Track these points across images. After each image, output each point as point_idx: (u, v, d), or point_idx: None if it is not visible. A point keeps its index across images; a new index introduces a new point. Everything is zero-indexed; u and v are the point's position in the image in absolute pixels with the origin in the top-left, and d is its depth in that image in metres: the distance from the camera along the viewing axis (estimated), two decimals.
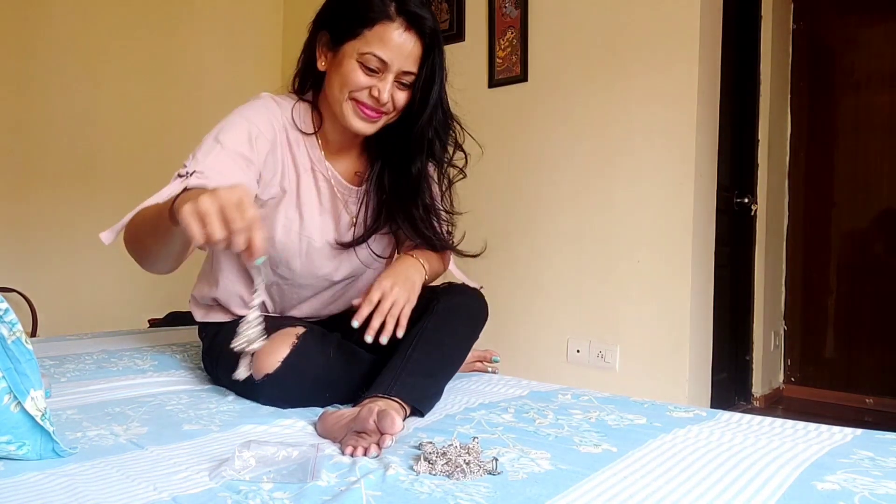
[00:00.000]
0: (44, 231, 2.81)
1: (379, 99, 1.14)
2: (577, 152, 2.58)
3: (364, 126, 1.18)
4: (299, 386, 1.16)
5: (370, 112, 1.17)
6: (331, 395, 1.20)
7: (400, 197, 1.27)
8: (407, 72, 1.15)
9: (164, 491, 0.75)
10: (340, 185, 1.29)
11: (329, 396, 1.20)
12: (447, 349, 1.19)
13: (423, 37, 1.14)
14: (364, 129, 1.19)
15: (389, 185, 1.28)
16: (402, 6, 1.11)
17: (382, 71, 1.13)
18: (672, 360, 2.36)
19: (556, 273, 2.62)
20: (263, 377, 1.15)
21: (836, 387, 3.33)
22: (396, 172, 1.27)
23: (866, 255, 3.32)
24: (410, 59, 1.14)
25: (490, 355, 1.54)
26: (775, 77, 3.25)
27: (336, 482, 0.79)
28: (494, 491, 0.77)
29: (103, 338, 1.84)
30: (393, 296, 1.11)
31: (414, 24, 1.12)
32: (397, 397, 1.07)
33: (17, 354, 0.82)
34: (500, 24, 2.79)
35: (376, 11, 1.11)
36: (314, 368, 1.17)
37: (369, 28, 1.11)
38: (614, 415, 1.14)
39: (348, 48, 1.13)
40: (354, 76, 1.13)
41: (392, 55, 1.12)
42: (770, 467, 0.85)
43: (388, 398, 1.06)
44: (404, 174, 1.26)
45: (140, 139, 3.08)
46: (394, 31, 1.11)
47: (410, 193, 1.26)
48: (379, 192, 1.30)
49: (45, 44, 2.79)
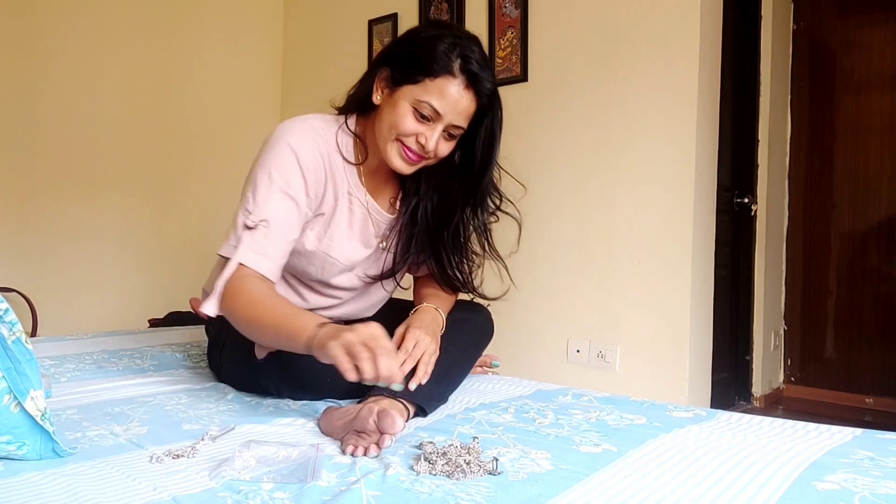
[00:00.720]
0: (44, 231, 2.80)
1: (425, 147, 1.17)
2: (577, 152, 2.58)
3: (404, 167, 1.21)
4: (301, 368, 1.17)
5: (413, 156, 1.19)
6: (331, 383, 1.21)
7: (432, 236, 1.31)
8: (458, 126, 1.18)
9: (164, 491, 0.75)
10: (376, 212, 1.31)
11: (329, 383, 1.21)
12: (453, 358, 1.21)
13: (481, 97, 1.18)
14: (403, 170, 1.22)
15: (424, 222, 1.31)
16: (466, 65, 1.14)
17: (433, 120, 1.16)
18: (672, 360, 2.36)
19: (557, 273, 2.62)
20: (266, 356, 1.18)
21: (836, 387, 3.33)
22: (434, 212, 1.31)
23: (866, 255, 3.32)
24: (463, 115, 1.17)
25: (490, 360, 1.56)
26: (775, 77, 3.25)
27: (336, 482, 0.79)
28: (494, 491, 0.77)
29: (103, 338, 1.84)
30: (423, 346, 1.15)
31: (473, 84, 1.16)
32: (402, 397, 1.08)
33: (17, 354, 0.83)
34: (500, 24, 2.79)
35: (440, 64, 1.13)
36: None
37: (431, 78, 1.14)
38: (614, 415, 1.14)
39: (406, 91, 1.16)
40: (406, 121, 1.16)
41: (447, 108, 1.15)
42: (770, 467, 0.85)
43: (392, 398, 1.08)
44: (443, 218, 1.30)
45: (140, 139, 3.08)
46: (453, 86, 1.14)
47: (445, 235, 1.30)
48: (411, 225, 1.33)
49: (45, 44, 2.79)
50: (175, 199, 3.20)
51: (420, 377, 1.12)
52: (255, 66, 3.56)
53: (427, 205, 1.31)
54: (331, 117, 1.28)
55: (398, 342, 1.15)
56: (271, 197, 1.14)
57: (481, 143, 1.22)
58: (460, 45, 1.15)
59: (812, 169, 3.44)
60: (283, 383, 1.21)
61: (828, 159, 3.41)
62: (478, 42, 1.19)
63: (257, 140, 1.26)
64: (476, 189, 1.26)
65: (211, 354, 1.41)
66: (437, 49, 1.14)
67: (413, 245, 1.33)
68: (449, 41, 1.15)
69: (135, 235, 3.07)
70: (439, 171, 1.28)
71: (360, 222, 1.30)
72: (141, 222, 3.09)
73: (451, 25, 1.23)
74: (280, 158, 1.16)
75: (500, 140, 1.25)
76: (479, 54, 1.16)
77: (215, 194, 3.27)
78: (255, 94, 3.55)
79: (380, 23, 3.19)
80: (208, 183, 3.29)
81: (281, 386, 1.22)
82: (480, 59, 1.16)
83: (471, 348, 1.34)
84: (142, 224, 3.09)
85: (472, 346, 1.34)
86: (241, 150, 3.35)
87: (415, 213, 1.31)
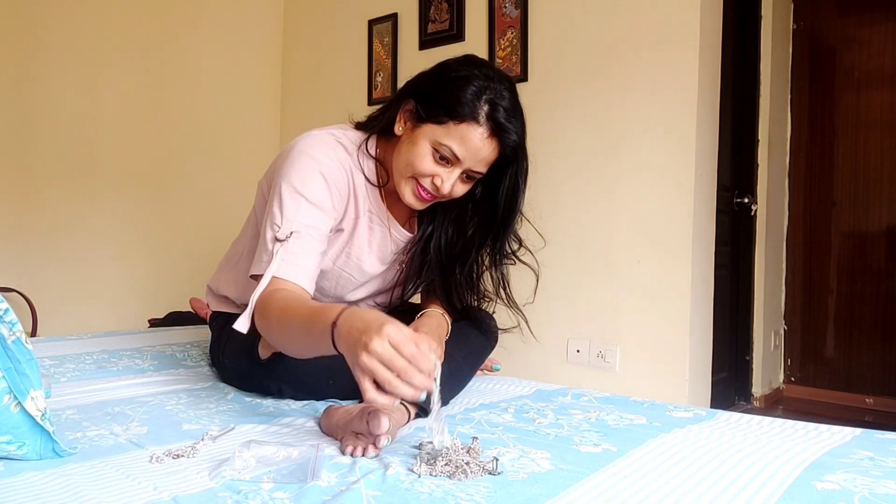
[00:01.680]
0: (44, 231, 2.80)
1: (440, 189, 1.15)
2: (577, 152, 2.58)
3: (416, 203, 1.20)
4: (304, 368, 1.17)
5: (426, 195, 1.18)
6: (333, 383, 1.22)
7: (444, 269, 1.30)
8: (476, 171, 1.16)
9: (164, 491, 0.75)
10: (397, 231, 1.31)
11: (332, 384, 1.21)
12: (456, 363, 1.21)
13: (504, 147, 1.14)
14: (415, 206, 1.21)
15: (436, 254, 1.31)
16: (493, 112, 1.11)
17: (452, 164, 1.14)
18: (672, 360, 2.36)
19: (557, 273, 2.62)
20: (270, 355, 1.18)
21: (836, 387, 3.33)
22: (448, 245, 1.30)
23: (866, 254, 3.32)
24: (483, 162, 1.15)
25: (491, 363, 1.56)
26: (775, 77, 3.25)
27: (336, 482, 0.79)
28: (494, 491, 0.77)
29: (103, 338, 1.84)
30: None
31: (498, 134, 1.12)
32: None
33: (17, 354, 0.83)
34: (500, 24, 2.79)
35: (467, 109, 1.10)
36: None
37: (455, 122, 1.11)
38: (614, 415, 1.14)
39: (428, 129, 1.13)
40: (423, 161, 1.14)
41: (467, 154, 1.12)
42: (770, 467, 0.85)
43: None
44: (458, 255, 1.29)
45: (140, 139, 3.08)
46: (477, 133, 1.11)
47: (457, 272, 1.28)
48: (423, 254, 1.32)
49: (45, 44, 2.79)
50: (175, 199, 3.20)
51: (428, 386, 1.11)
52: (255, 65, 3.56)
53: (441, 236, 1.30)
54: (352, 133, 1.25)
55: None
56: (300, 209, 1.11)
57: (504, 193, 1.20)
58: (490, 89, 1.11)
59: (812, 168, 3.44)
60: (286, 383, 1.21)
61: (828, 158, 3.41)
62: (510, 86, 1.15)
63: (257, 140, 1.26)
64: (497, 237, 1.25)
65: (213, 352, 1.42)
66: (466, 92, 1.10)
67: (424, 273, 1.32)
68: (479, 84, 1.11)
69: (135, 235, 3.07)
70: (458, 204, 1.26)
71: (378, 241, 1.30)
72: (141, 222, 3.09)
73: (485, 64, 1.17)
74: (304, 171, 1.14)
75: (525, 192, 1.21)
76: (508, 101, 1.12)
77: (215, 194, 3.27)
78: (254, 94, 3.55)
79: (380, 23, 3.20)
80: (208, 183, 3.29)
81: (283, 386, 1.22)
82: (510, 107, 1.12)
83: (475, 354, 1.34)
84: (142, 224, 3.09)
85: (475, 352, 1.34)
86: (241, 150, 3.36)
87: (428, 241, 1.30)
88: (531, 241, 1.34)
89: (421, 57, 3.07)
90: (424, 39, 3.05)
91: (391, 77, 3.16)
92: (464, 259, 1.29)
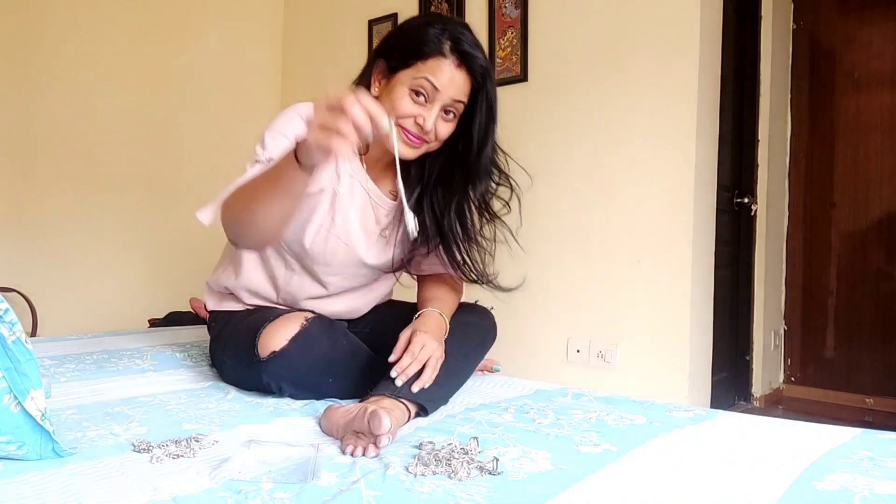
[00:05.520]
0: (44, 231, 2.80)
1: (423, 127, 1.19)
2: (578, 152, 2.58)
3: (406, 151, 1.22)
4: (304, 367, 1.20)
5: (413, 138, 1.21)
6: (333, 382, 1.23)
7: (439, 221, 1.31)
8: (456, 100, 1.20)
9: (164, 491, 0.75)
10: (377, 197, 1.32)
11: (331, 383, 1.23)
12: (454, 361, 1.22)
13: (474, 75, 1.20)
14: (406, 154, 1.22)
15: (430, 209, 1.32)
16: (456, 45, 1.18)
17: (430, 101, 1.19)
18: (672, 360, 2.36)
19: (557, 273, 2.62)
20: (270, 354, 1.19)
21: (836, 387, 3.33)
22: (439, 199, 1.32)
23: (866, 254, 3.32)
24: (460, 92, 1.20)
25: (491, 364, 1.56)
26: (775, 77, 3.25)
27: (336, 482, 0.79)
28: (494, 491, 0.77)
29: (103, 338, 1.84)
30: (430, 350, 1.15)
31: (466, 63, 1.19)
32: (404, 398, 1.09)
33: (17, 354, 0.82)
34: (500, 24, 2.79)
35: (432, 46, 1.17)
36: (320, 350, 1.22)
37: (423, 61, 1.17)
38: (614, 415, 1.14)
39: (401, 76, 1.19)
40: (403, 103, 1.18)
41: (441, 83, 1.17)
42: (770, 467, 0.85)
43: (393, 398, 1.09)
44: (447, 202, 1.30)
45: (140, 139, 3.08)
46: (446, 65, 1.17)
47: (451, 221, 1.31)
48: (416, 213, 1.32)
49: (45, 44, 2.78)
50: (175, 199, 3.20)
51: (425, 381, 1.12)
52: (255, 65, 3.56)
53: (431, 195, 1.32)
54: None
55: (404, 346, 1.15)
56: (280, 143, 1.17)
57: (479, 122, 1.24)
58: (448, 30, 1.19)
59: (812, 168, 3.44)
60: (286, 382, 1.22)
61: (828, 158, 3.41)
62: (467, 27, 1.22)
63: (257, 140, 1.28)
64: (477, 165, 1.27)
65: (213, 352, 1.42)
66: (428, 34, 1.18)
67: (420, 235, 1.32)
68: (439, 26, 1.19)
69: (135, 235, 3.07)
70: (442, 160, 1.30)
71: (359, 206, 1.31)
72: (141, 222, 3.09)
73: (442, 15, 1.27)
74: (285, 117, 1.22)
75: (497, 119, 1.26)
76: (469, 37, 1.19)
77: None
78: (254, 94, 3.55)
79: (380, 22, 3.19)
80: (209, 182, 3.28)
81: (283, 385, 1.22)
82: (471, 41, 1.19)
83: (473, 352, 1.34)
84: (142, 224, 3.09)
85: (474, 349, 1.34)
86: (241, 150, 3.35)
87: (420, 201, 1.32)
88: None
89: None
90: None
91: None
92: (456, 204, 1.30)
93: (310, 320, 1.23)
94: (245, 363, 1.25)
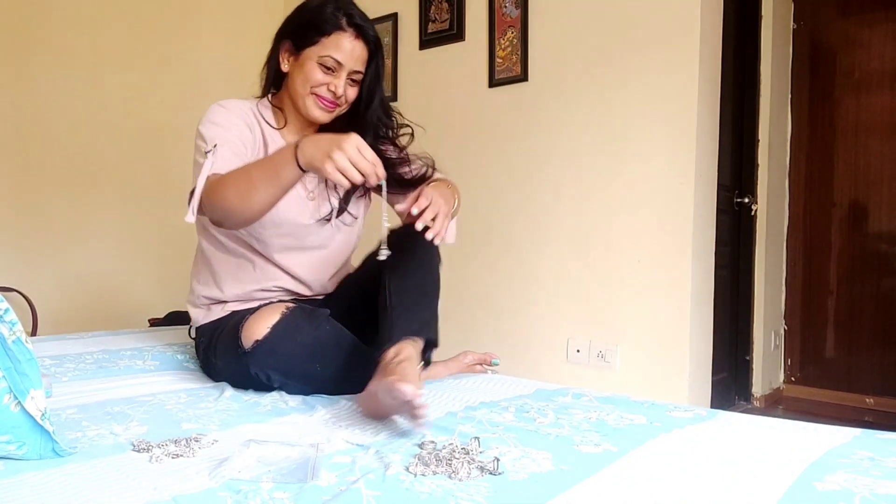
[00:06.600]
0: (44, 231, 2.80)
1: (335, 92, 1.38)
2: (577, 152, 2.58)
3: (322, 115, 1.41)
4: (288, 354, 1.25)
5: (328, 103, 1.39)
6: (321, 370, 1.27)
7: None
8: (357, 71, 1.39)
9: (164, 491, 0.75)
10: None
11: (319, 370, 1.27)
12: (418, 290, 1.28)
13: (369, 44, 1.40)
14: (322, 118, 1.41)
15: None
16: (351, 20, 1.37)
17: (337, 70, 1.37)
18: (672, 360, 2.36)
19: (557, 273, 2.62)
20: (253, 343, 1.24)
21: (836, 387, 3.33)
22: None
23: (866, 254, 3.32)
24: (360, 61, 1.39)
25: (490, 358, 1.57)
26: (775, 77, 3.25)
27: (336, 482, 0.79)
28: (495, 491, 0.77)
29: (103, 338, 1.84)
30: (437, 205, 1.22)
31: (361, 34, 1.38)
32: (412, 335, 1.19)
33: (17, 354, 0.83)
34: (500, 24, 2.79)
35: (330, 24, 1.36)
36: (302, 336, 1.26)
37: (326, 36, 1.36)
38: (614, 415, 1.14)
39: (309, 52, 1.37)
40: (315, 74, 1.37)
41: (345, 57, 1.36)
42: (770, 467, 0.85)
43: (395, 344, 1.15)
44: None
45: (140, 139, 3.08)
46: (345, 39, 1.36)
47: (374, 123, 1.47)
48: None
49: (45, 44, 2.78)
50: (175, 198, 3.19)
51: (437, 229, 1.18)
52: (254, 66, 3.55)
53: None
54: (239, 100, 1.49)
55: (412, 201, 1.21)
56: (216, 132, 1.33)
57: (369, 80, 1.43)
58: (340, 7, 1.37)
59: (812, 168, 3.44)
60: (273, 370, 1.26)
61: (828, 158, 3.41)
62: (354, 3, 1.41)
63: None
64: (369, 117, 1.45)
65: (206, 358, 1.43)
66: (325, 12, 1.36)
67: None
68: (332, 5, 1.37)
69: (135, 235, 3.07)
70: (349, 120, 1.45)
71: None
72: (141, 222, 3.09)
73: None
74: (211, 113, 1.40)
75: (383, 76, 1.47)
76: (358, 11, 1.39)
77: None
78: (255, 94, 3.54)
79: (380, 23, 3.19)
80: None
81: (270, 373, 1.26)
82: (361, 15, 1.39)
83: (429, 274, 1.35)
84: (142, 223, 3.09)
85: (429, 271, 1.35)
86: None
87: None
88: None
89: (421, 57, 3.07)
90: (425, 39, 3.05)
91: (392, 77, 3.15)
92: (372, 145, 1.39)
93: (290, 309, 1.29)
94: (233, 358, 1.28)
